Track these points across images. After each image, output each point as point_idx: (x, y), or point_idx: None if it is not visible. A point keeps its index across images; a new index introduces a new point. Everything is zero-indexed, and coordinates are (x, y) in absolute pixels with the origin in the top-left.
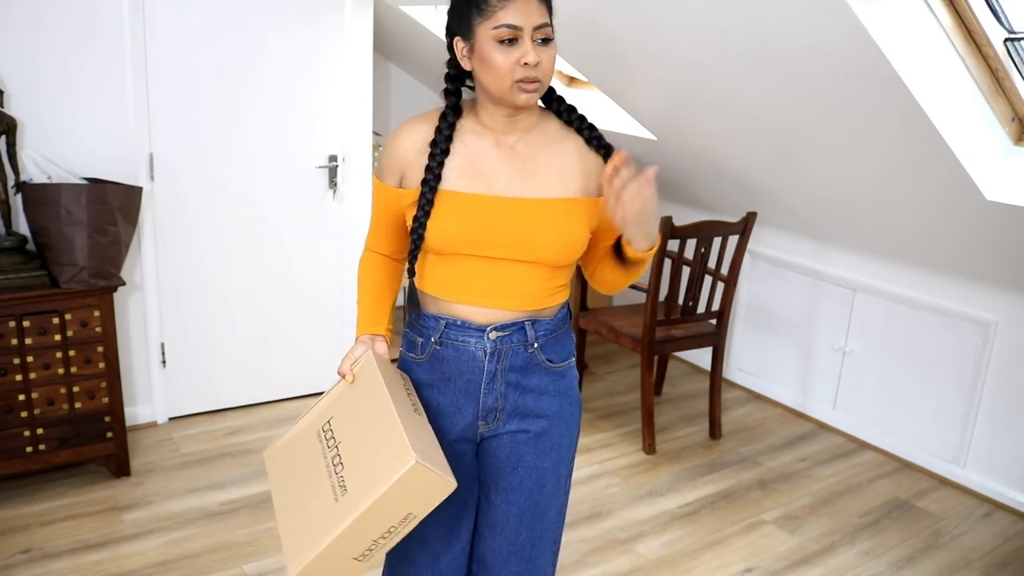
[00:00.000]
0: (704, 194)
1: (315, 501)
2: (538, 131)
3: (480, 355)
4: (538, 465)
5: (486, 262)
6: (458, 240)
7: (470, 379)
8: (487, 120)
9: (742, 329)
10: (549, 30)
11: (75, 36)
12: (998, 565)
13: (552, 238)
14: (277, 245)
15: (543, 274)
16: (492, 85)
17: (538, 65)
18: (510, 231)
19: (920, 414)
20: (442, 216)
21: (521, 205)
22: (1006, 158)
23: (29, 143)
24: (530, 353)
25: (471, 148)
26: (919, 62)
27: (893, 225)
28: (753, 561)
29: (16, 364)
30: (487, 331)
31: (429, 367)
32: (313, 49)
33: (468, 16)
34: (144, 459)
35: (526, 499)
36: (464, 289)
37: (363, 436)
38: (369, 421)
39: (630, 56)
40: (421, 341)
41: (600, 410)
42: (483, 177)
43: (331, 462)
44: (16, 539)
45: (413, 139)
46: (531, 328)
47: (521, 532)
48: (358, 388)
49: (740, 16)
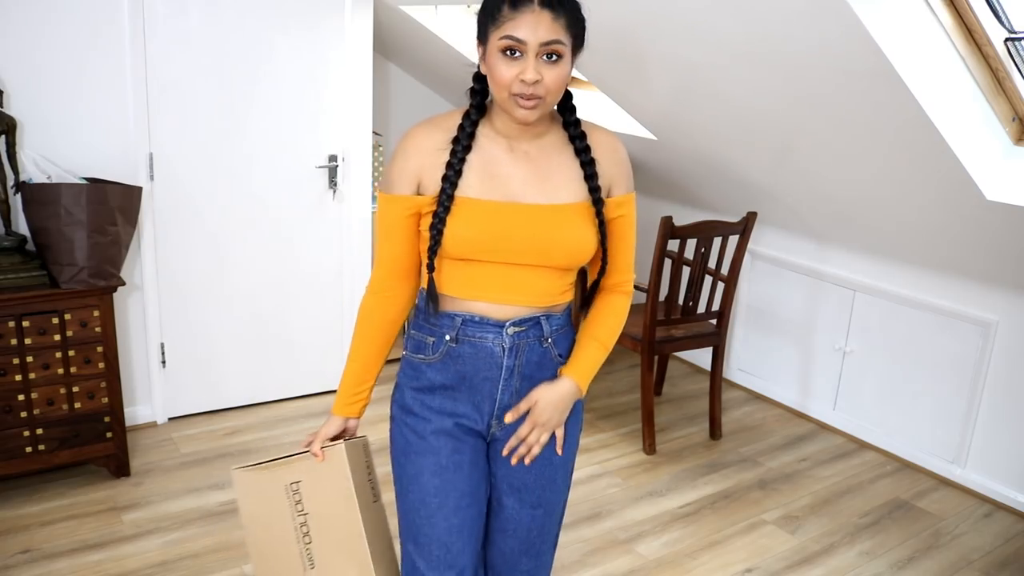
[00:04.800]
0: (704, 194)
1: (286, 558)
2: (549, 137)
3: (499, 351)
4: (551, 461)
5: (502, 267)
6: (475, 246)
7: (487, 376)
8: (500, 125)
9: (742, 329)
10: (561, 48)
11: (75, 36)
12: (998, 565)
13: (567, 244)
14: (277, 245)
15: (555, 275)
16: (495, 93)
17: (538, 83)
18: (527, 238)
19: (920, 414)
20: (460, 223)
21: (536, 212)
22: (1006, 158)
23: (29, 143)
24: (544, 348)
25: (485, 151)
26: (919, 62)
27: (893, 225)
28: (753, 561)
29: (16, 364)
30: (506, 326)
31: (442, 367)
32: (313, 49)
33: (485, 22)
34: (144, 459)
35: (538, 497)
36: (481, 287)
37: (330, 526)
38: (335, 514)
39: (630, 56)
40: (433, 340)
41: (600, 410)
42: (498, 182)
43: (299, 528)
44: (16, 539)
45: (426, 142)
46: (546, 323)
47: (532, 530)
48: (324, 471)
49: (740, 16)
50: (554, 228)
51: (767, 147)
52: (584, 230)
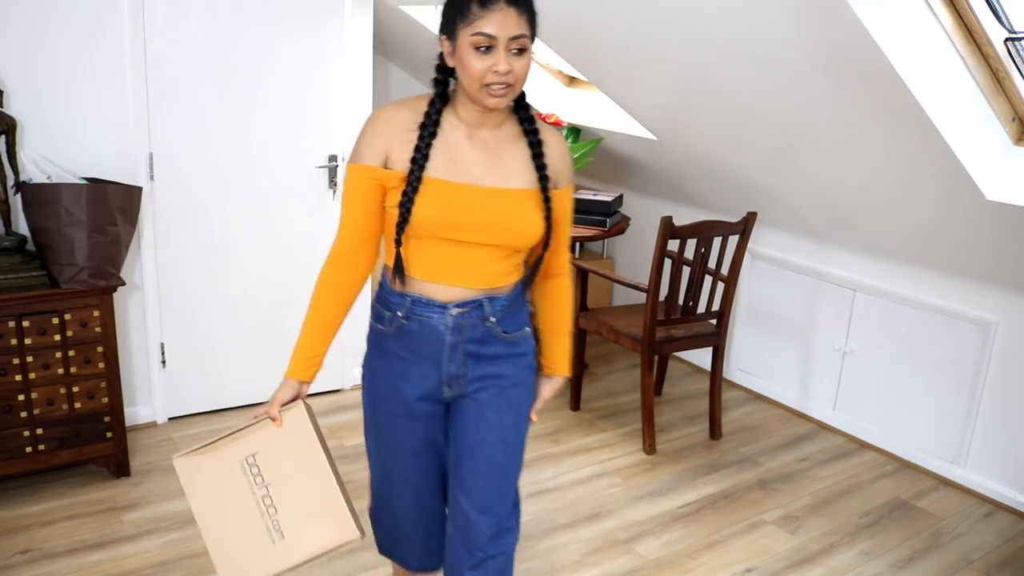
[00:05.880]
0: (704, 194)
1: (250, 535)
2: (506, 128)
3: (442, 329)
4: (500, 422)
5: (456, 245)
6: (439, 224)
7: (434, 350)
8: (463, 114)
9: (742, 329)
10: (525, 41)
11: (75, 36)
12: (998, 565)
13: (517, 224)
14: (277, 245)
15: (503, 256)
16: (467, 85)
17: (509, 73)
18: (483, 218)
19: (920, 414)
20: (427, 201)
21: (492, 194)
22: (1006, 158)
23: (29, 143)
24: (488, 326)
25: (448, 137)
26: (919, 62)
27: (893, 225)
28: (753, 561)
29: (16, 364)
30: (448, 308)
31: (397, 339)
32: (313, 49)
33: (454, 20)
34: (144, 459)
35: (491, 457)
36: (431, 270)
37: (297, 489)
38: (301, 474)
39: (631, 57)
40: (389, 315)
41: (600, 410)
42: (460, 166)
43: (261, 501)
44: (16, 539)
45: (398, 120)
46: (488, 304)
47: (488, 490)
48: (285, 434)
49: (740, 16)
50: (507, 210)
51: (767, 147)
52: (533, 213)
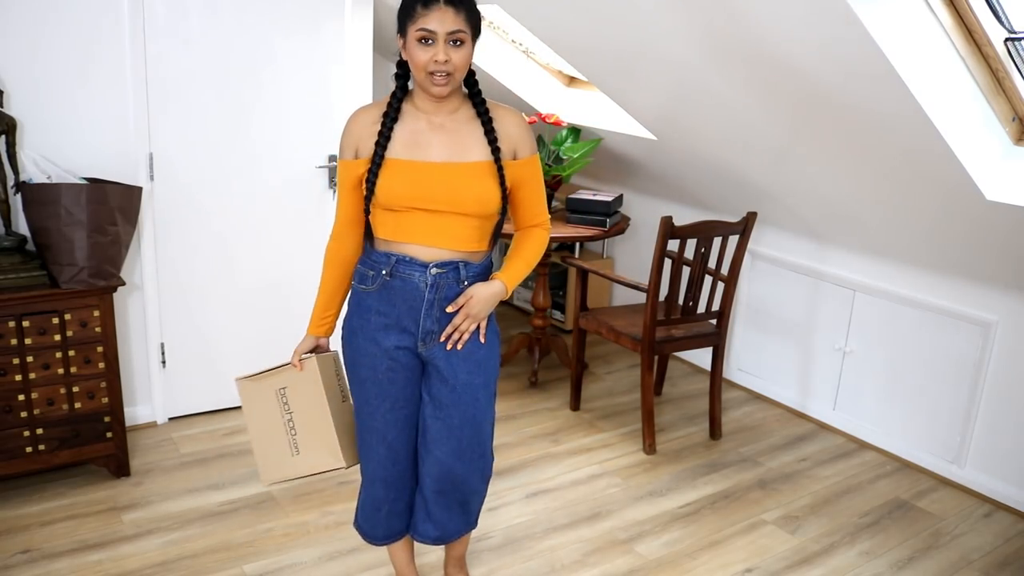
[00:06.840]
0: (704, 194)
1: (278, 447)
2: (462, 111)
3: (422, 286)
4: (470, 381)
5: (427, 214)
6: (402, 196)
7: (412, 305)
8: (420, 103)
9: (742, 329)
10: (462, 35)
11: (75, 36)
12: (998, 565)
13: (474, 192)
14: (277, 245)
15: (468, 222)
16: (415, 74)
17: (447, 62)
18: (442, 189)
19: (920, 414)
20: (389, 178)
21: (449, 168)
22: (1006, 158)
23: (29, 143)
24: (461, 288)
25: (410, 125)
26: (919, 62)
27: (893, 225)
28: (753, 561)
29: (16, 364)
30: (429, 267)
31: (378, 295)
32: (313, 49)
33: (404, 20)
34: (144, 459)
35: (463, 412)
36: (410, 232)
37: (308, 420)
38: (312, 410)
39: (630, 57)
40: (372, 274)
41: (600, 410)
42: (419, 148)
43: (287, 423)
44: (16, 539)
45: (364, 119)
46: (464, 268)
47: (463, 440)
48: (302, 377)
49: (740, 17)
50: (464, 180)
51: (767, 147)
52: (488, 181)
